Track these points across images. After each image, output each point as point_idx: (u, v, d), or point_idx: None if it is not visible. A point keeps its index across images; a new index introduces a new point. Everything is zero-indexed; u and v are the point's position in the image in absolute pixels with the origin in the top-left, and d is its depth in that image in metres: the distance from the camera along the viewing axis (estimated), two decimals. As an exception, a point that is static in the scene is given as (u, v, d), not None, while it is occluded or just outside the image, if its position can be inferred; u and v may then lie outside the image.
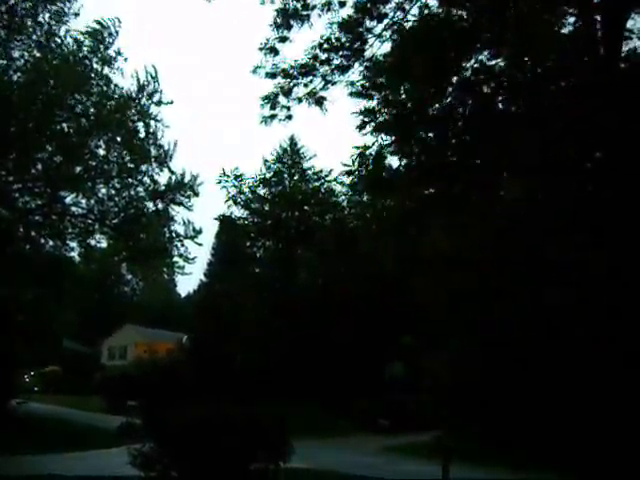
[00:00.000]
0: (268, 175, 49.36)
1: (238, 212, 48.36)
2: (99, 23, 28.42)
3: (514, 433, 25.21)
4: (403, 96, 15.60)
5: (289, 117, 18.19)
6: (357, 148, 15.65)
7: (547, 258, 16.57)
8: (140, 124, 30.31)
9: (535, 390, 25.08)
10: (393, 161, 16.17)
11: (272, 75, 17.63)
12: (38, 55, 27.58)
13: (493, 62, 15.25)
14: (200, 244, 33.39)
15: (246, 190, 47.10)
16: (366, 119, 15.69)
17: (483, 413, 27.50)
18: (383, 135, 15.93)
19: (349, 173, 15.89)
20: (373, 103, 16.05)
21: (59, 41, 28.04)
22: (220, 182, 45.58)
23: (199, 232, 32.86)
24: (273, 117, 18.14)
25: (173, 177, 31.24)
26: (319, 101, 17.76)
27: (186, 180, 31.47)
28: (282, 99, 17.84)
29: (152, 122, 30.52)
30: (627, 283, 16.89)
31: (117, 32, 28.82)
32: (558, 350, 23.93)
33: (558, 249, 16.04)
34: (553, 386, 24.23)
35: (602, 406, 21.68)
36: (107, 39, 28.61)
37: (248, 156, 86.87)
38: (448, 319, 28.51)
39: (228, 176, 45.82)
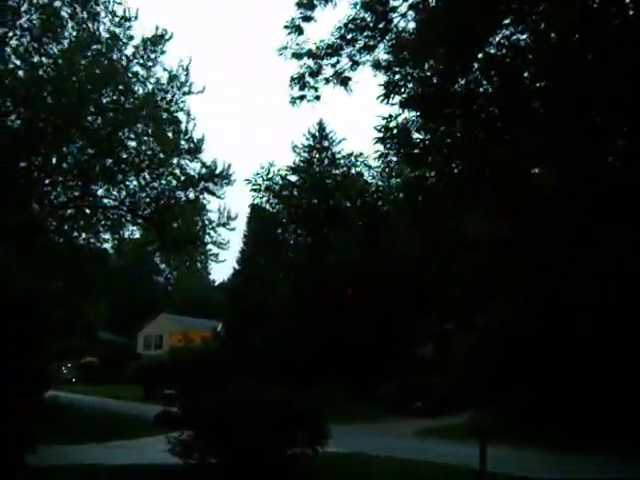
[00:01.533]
0: (298, 160, 49.40)
1: (269, 200, 48.51)
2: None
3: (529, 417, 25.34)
4: (428, 73, 15.40)
5: (317, 97, 18.10)
6: (383, 118, 15.47)
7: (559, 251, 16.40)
8: (170, 116, 30.54)
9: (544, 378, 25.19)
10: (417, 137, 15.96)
11: (298, 56, 17.54)
12: (66, 50, 27.76)
13: (517, 37, 15.04)
14: (233, 229, 33.56)
15: (276, 186, 47.21)
16: (390, 89, 15.50)
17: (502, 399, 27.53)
18: (408, 111, 15.78)
19: (381, 140, 15.63)
20: (397, 76, 15.87)
21: (87, 37, 28.24)
22: (249, 182, 45.67)
23: (233, 218, 33.05)
24: (302, 98, 18.06)
25: (204, 169, 31.42)
26: (344, 81, 17.65)
27: (218, 170, 31.63)
28: (310, 80, 17.75)
29: (182, 114, 30.79)
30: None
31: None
32: (566, 342, 23.94)
33: (569, 243, 15.85)
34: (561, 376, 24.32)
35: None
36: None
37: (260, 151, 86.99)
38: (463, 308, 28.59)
39: (258, 176, 46.00)
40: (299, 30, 17.35)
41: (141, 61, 29.45)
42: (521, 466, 18.26)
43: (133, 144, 30.55)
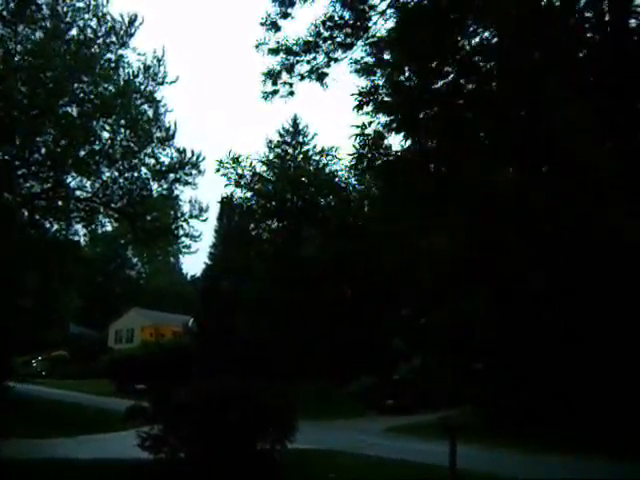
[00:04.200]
0: (271, 156, 49.25)
1: (240, 194, 48.27)
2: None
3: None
4: (406, 74, 15.42)
5: (291, 93, 18.13)
6: (356, 127, 15.48)
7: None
8: (145, 106, 30.34)
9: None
10: (392, 140, 15.98)
11: (275, 51, 17.53)
12: (43, 39, 27.47)
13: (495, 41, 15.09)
14: (205, 219, 33.42)
15: (246, 173, 46.92)
16: (364, 99, 15.50)
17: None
18: (382, 115, 15.79)
19: (357, 157, 15.61)
20: (374, 80, 15.89)
21: (64, 27, 27.93)
22: (219, 170, 45.33)
23: (205, 210, 32.92)
24: (275, 93, 18.07)
25: (176, 156, 31.23)
26: (320, 77, 17.66)
27: (187, 158, 31.44)
28: (284, 75, 17.74)
29: (155, 104, 30.58)
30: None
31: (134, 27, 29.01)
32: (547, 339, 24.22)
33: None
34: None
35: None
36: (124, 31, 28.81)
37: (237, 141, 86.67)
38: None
39: (226, 162, 45.65)
40: (275, 27, 17.34)
41: (113, 49, 29.17)
42: (491, 464, 18.39)
43: (107, 135, 30.35)
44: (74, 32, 28.12)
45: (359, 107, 15.39)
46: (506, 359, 26.52)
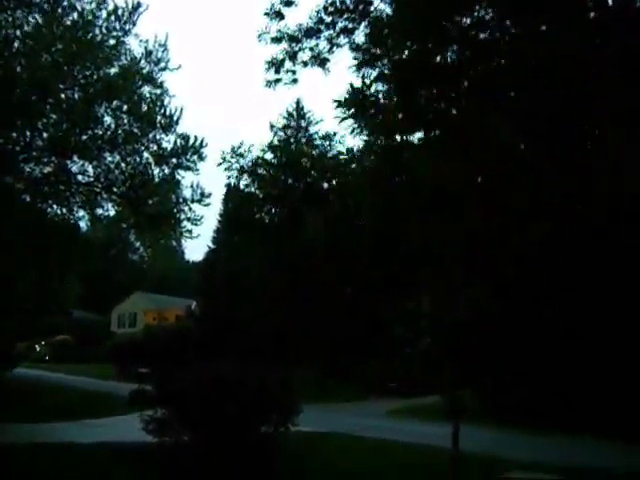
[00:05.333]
0: (275, 139, 49.38)
1: (244, 180, 48.54)
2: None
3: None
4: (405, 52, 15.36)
5: (294, 81, 18.03)
6: (354, 87, 15.44)
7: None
8: (146, 89, 30.21)
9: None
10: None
11: (278, 40, 17.47)
12: (41, 22, 27.31)
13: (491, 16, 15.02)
14: (208, 204, 33.30)
15: (248, 160, 47.24)
16: (365, 58, 15.51)
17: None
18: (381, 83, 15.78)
19: (340, 104, 15.55)
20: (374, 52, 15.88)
21: (63, 11, 27.74)
22: (221, 164, 45.87)
23: (207, 196, 32.81)
24: (278, 81, 17.98)
25: (179, 141, 31.08)
26: (322, 62, 17.58)
27: (190, 143, 31.31)
28: (287, 63, 17.68)
29: (159, 89, 30.46)
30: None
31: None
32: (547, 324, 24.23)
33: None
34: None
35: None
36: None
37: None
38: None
39: (229, 155, 46.17)
40: (280, 15, 17.25)
41: (115, 34, 28.99)
42: (492, 446, 18.47)
43: (109, 119, 30.23)
44: (74, 16, 27.91)
45: (360, 66, 15.43)
46: (506, 355, 26.50)
